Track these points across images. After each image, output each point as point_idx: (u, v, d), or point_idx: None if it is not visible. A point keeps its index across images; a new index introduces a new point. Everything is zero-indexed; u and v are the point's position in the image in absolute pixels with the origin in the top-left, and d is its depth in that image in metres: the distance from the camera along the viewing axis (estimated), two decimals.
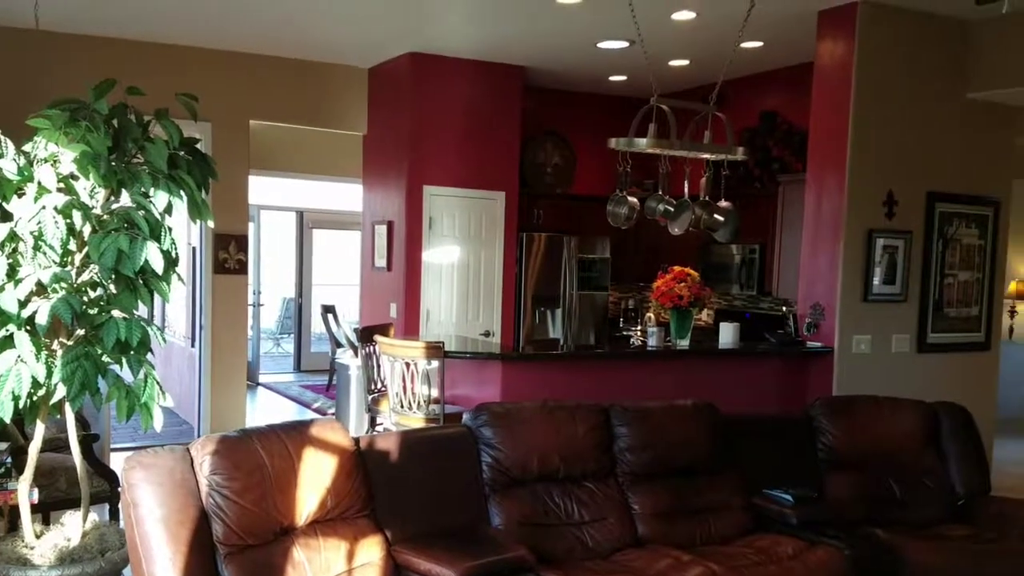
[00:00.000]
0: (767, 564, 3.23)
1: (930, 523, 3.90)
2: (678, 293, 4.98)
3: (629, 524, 3.52)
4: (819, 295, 5.35)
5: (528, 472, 3.43)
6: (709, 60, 6.33)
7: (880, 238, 5.29)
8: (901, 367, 5.44)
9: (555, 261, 7.40)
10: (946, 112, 5.48)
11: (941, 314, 5.60)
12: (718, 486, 3.73)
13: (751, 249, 6.97)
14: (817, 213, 5.37)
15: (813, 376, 5.32)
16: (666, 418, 3.73)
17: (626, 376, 4.94)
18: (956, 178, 5.57)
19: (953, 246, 5.61)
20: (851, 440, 4.07)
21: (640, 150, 4.43)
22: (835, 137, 5.24)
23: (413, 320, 6.83)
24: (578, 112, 8.03)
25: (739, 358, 5.32)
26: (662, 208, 4.76)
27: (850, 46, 5.14)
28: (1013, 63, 5.27)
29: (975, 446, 4.14)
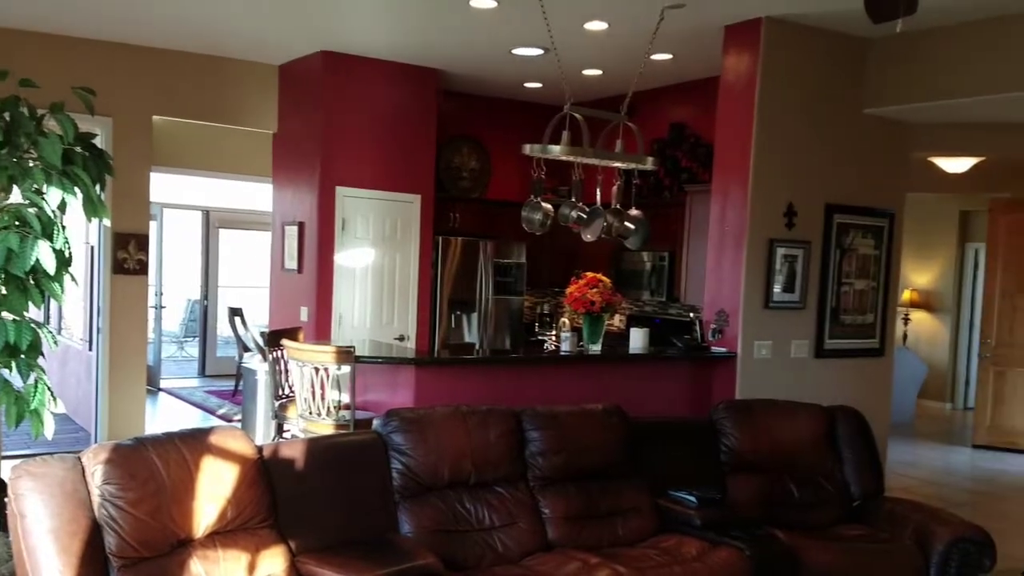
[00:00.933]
0: (672, 565, 3.30)
1: (827, 524, 4.05)
2: (590, 299, 5.04)
3: (539, 528, 3.54)
4: (723, 302, 5.50)
5: (439, 478, 3.41)
6: (621, 71, 6.45)
7: (780, 247, 5.49)
8: (800, 372, 5.65)
9: (471, 265, 7.40)
10: (844, 127, 5.73)
11: (838, 321, 5.83)
12: (626, 489, 3.79)
13: (661, 256, 7.12)
14: (722, 222, 5.53)
15: (717, 380, 5.47)
16: (577, 422, 3.77)
17: (540, 381, 4.97)
18: (853, 191, 5.82)
19: (850, 256, 5.86)
20: (752, 443, 4.20)
21: (554, 157, 4.47)
22: (739, 149, 5.41)
23: (325, 324, 6.71)
24: (494, 117, 8.06)
25: (648, 363, 5.43)
26: (575, 215, 4.81)
27: (754, 61, 5.32)
28: (906, 80, 5.55)
29: (870, 449, 4.32)
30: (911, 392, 9.57)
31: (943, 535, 3.64)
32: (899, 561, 3.65)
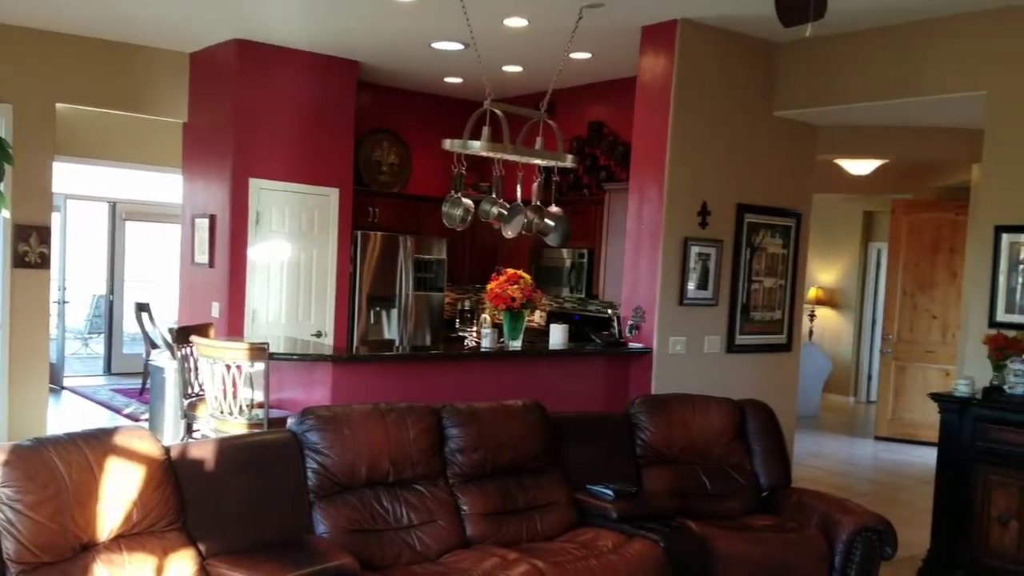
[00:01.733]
0: (588, 558, 3.33)
1: (738, 514, 4.16)
2: (511, 295, 5.06)
3: (458, 526, 3.53)
4: (640, 299, 5.60)
5: (356, 477, 3.36)
6: (541, 68, 6.49)
7: (695, 246, 5.62)
8: (713, 367, 5.79)
9: (391, 260, 7.32)
10: (756, 128, 5.90)
11: (748, 317, 6.01)
12: (545, 484, 3.82)
13: (580, 254, 7.20)
14: (639, 221, 5.62)
15: (634, 375, 5.57)
16: (496, 418, 3.77)
17: (461, 377, 4.95)
18: (763, 191, 6.00)
19: (759, 254, 6.04)
20: (666, 436, 4.28)
21: (474, 152, 4.46)
22: (655, 149, 5.50)
23: (237, 320, 6.54)
24: (415, 111, 8.00)
25: (568, 359, 5.48)
26: (495, 211, 4.81)
27: (670, 62, 5.42)
28: (812, 84, 5.75)
29: (778, 441, 4.46)
30: (817, 386, 9.94)
31: (847, 524, 3.78)
32: (806, 549, 3.78)
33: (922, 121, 6.31)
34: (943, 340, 8.32)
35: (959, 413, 4.57)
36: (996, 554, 4.41)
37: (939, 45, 5.11)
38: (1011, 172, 4.82)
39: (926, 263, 8.43)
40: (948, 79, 5.08)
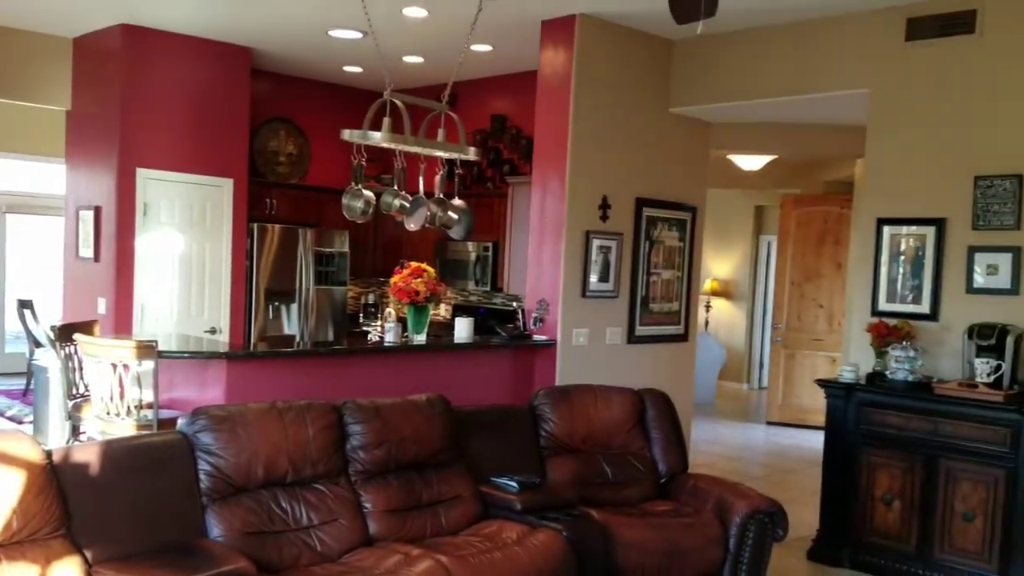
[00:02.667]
0: (492, 551, 3.33)
1: (638, 501, 4.25)
2: (415, 289, 5.00)
3: (361, 524, 3.47)
4: (544, 291, 5.64)
5: (252, 478, 3.26)
6: (442, 59, 6.44)
7: (596, 239, 5.70)
8: (614, 357, 5.90)
9: (290, 254, 7.14)
10: (653, 124, 6.02)
11: (647, 309, 6.14)
12: (450, 478, 3.80)
13: (485, 247, 7.20)
14: (542, 214, 5.66)
15: (539, 367, 5.61)
16: (400, 414, 3.72)
17: (364, 372, 4.87)
18: (661, 185, 6.14)
19: (657, 247, 6.18)
20: (569, 427, 4.33)
21: (374, 143, 4.38)
22: (556, 143, 5.55)
23: (125, 316, 6.25)
24: (313, 100, 7.82)
25: (473, 352, 5.47)
26: (398, 203, 4.74)
27: (569, 56, 5.47)
28: (705, 81, 5.91)
29: (675, 428, 4.57)
30: (712, 374, 10.27)
31: (741, 507, 3.91)
32: (702, 533, 3.88)
33: (809, 118, 6.58)
34: (829, 328, 8.72)
35: (844, 398, 4.80)
36: (880, 533, 4.66)
37: (825, 44, 5.34)
38: (891, 167, 5.08)
39: (813, 255, 8.81)
40: (833, 78, 5.31)
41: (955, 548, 4.38)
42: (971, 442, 4.32)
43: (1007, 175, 4.60)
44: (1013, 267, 4.57)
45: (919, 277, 4.93)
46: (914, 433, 4.52)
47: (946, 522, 4.41)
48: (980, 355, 4.43)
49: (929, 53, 4.91)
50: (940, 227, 4.85)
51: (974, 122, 4.74)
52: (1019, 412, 4.16)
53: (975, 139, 4.74)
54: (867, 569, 4.67)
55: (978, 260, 4.70)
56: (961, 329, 4.62)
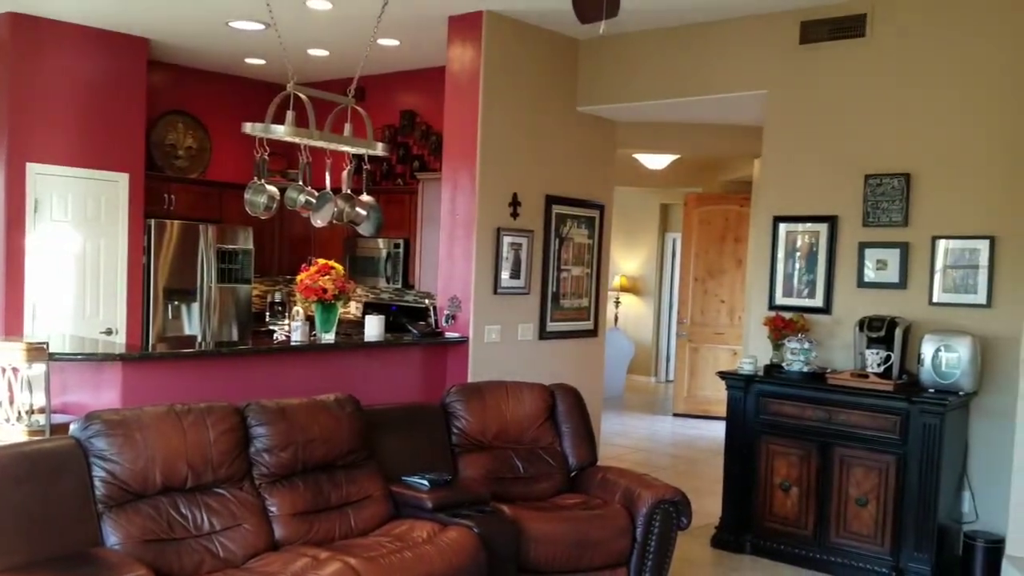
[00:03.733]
0: (403, 551, 3.30)
1: (549, 494, 4.30)
2: (322, 286, 4.90)
3: (266, 528, 3.39)
4: (456, 288, 5.63)
5: (151, 484, 3.14)
6: (348, 53, 6.35)
7: (507, 236, 5.72)
8: (526, 353, 5.93)
9: (191, 251, 6.89)
10: (561, 122, 6.08)
11: (558, 305, 6.20)
12: (359, 478, 3.74)
13: (396, 244, 7.13)
14: (452, 211, 5.64)
15: (451, 364, 5.59)
16: (307, 414, 3.65)
17: (270, 373, 4.75)
18: (569, 183, 6.20)
19: (567, 244, 6.25)
20: (481, 423, 4.34)
21: (278, 137, 4.28)
22: (466, 140, 5.54)
23: (15, 317, 5.92)
24: (214, 93, 7.57)
25: (384, 350, 5.40)
26: (303, 199, 4.64)
27: (477, 53, 5.47)
28: (610, 81, 6.01)
29: (585, 422, 4.63)
30: (622, 368, 10.46)
31: (647, 498, 3.99)
32: (610, 524, 3.95)
33: (711, 119, 6.77)
34: (731, 322, 9.01)
35: (744, 390, 4.96)
36: (779, 519, 4.84)
37: (724, 46, 5.50)
38: (787, 167, 5.28)
39: (715, 251, 9.08)
40: (731, 79, 5.48)
41: (850, 532, 4.59)
42: (863, 430, 4.54)
43: (895, 174, 4.84)
44: (901, 262, 4.82)
45: (813, 272, 5.14)
46: (809, 422, 4.71)
47: (841, 507, 4.62)
48: (871, 346, 4.66)
49: (822, 56, 5.12)
50: (833, 224, 5.07)
51: (864, 122, 4.98)
52: (907, 401, 4.38)
53: (865, 139, 4.97)
54: (767, 554, 4.85)
55: (868, 256, 4.94)
56: (853, 322, 4.84)
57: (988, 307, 4.55)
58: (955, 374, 4.35)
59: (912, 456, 4.36)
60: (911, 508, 4.37)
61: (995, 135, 4.55)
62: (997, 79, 4.55)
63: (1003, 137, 4.51)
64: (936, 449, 4.29)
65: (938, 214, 4.72)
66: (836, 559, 4.61)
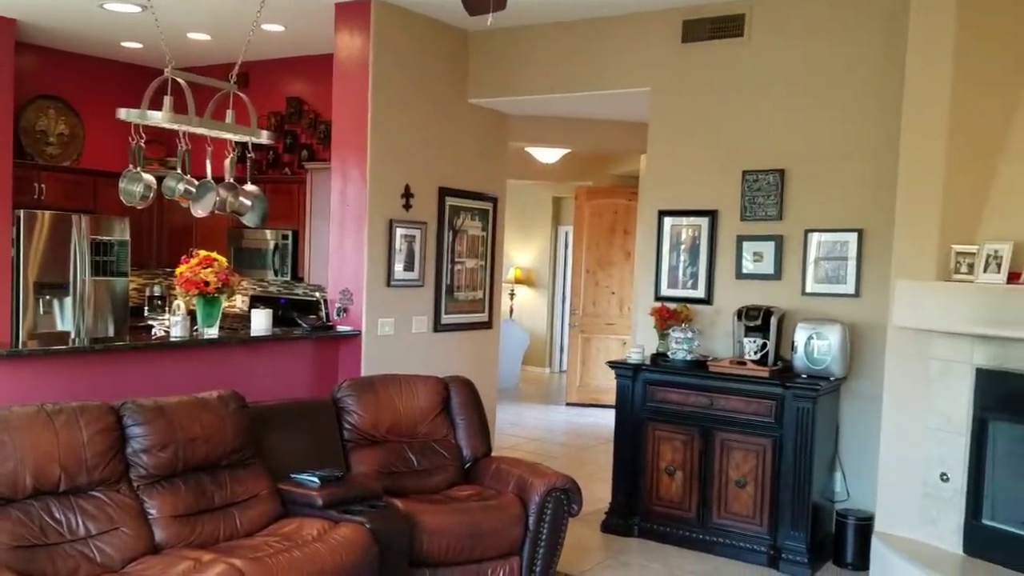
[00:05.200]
0: (291, 550, 3.24)
1: (443, 487, 4.30)
2: (204, 279, 4.74)
3: (146, 531, 3.26)
4: (347, 281, 5.54)
5: (20, 488, 2.97)
6: (231, 38, 6.14)
7: (400, 228, 5.67)
8: (420, 346, 5.91)
9: (63, 243, 6.52)
10: (453, 114, 6.07)
11: (452, 297, 6.21)
12: (245, 478, 3.65)
13: (284, 235, 6.96)
14: (343, 202, 5.55)
15: (344, 359, 5.51)
16: (188, 412, 3.52)
17: (149, 370, 4.55)
18: (462, 175, 6.20)
19: (461, 236, 6.26)
20: (374, 418, 4.30)
21: (154, 124, 4.09)
22: (356, 129, 5.45)
23: None
24: (88, 77, 7.19)
25: (272, 345, 5.26)
26: (182, 188, 4.46)
27: (365, 42, 5.39)
28: (500, 74, 6.04)
29: (479, 414, 4.65)
30: (517, 359, 10.56)
31: (539, 486, 4.05)
32: (504, 514, 3.99)
33: (599, 114, 6.90)
34: (620, 313, 9.23)
35: (631, 378, 5.10)
36: (665, 502, 5.00)
37: (610, 43, 5.61)
38: (670, 162, 5.45)
39: (605, 244, 9.28)
40: (618, 76, 5.60)
41: (730, 513, 4.79)
42: (742, 415, 4.74)
43: (770, 170, 5.07)
44: (776, 254, 5.05)
45: (696, 265, 5.33)
46: (693, 408, 4.89)
47: (722, 489, 4.81)
48: (748, 335, 4.87)
49: (703, 54, 5.30)
50: (713, 218, 5.26)
51: (742, 120, 5.18)
52: (782, 386, 4.61)
53: (743, 136, 5.18)
54: (654, 537, 5.00)
55: (746, 248, 5.16)
56: (732, 311, 5.05)
57: (856, 296, 4.84)
58: (826, 360, 4.60)
59: (787, 439, 4.59)
60: (787, 488, 4.60)
61: (862, 134, 4.82)
62: (865, 82, 4.81)
63: (870, 136, 4.79)
64: (809, 432, 4.53)
65: (810, 208, 4.97)
66: (718, 539, 4.81)
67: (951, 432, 4.07)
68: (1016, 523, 3.89)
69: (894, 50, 4.52)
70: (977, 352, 3.95)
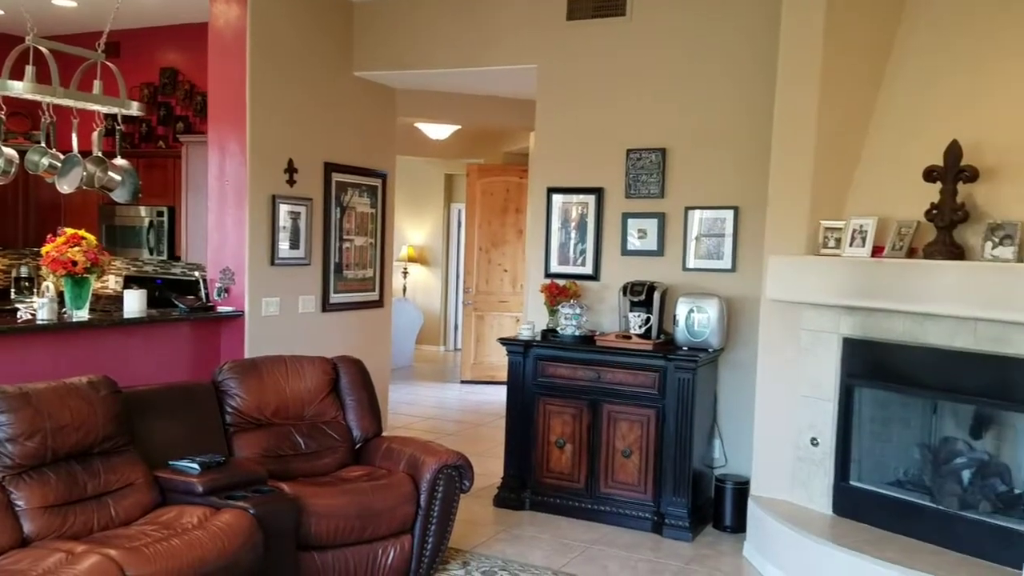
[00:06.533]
0: (171, 538, 3.13)
1: (333, 469, 4.24)
2: (71, 258, 4.48)
3: (13, 524, 3.09)
4: (228, 259, 5.36)
5: None
6: (100, 4, 5.80)
7: (284, 204, 5.52)
8: (308, 326, 5.79)
9: None
10: (338, 87, 5.93)
11: (341, 276, 6.10)
12: (120, 466, 3.49)
13: (160, 212, 6.67)
14: (221, 177, 5.36)
15: (226, 340, 5.34)
16: (56, 399, 3.34)
17: (13, 356, 4.28)
18: (349, 150, 6.09)
19: (349, 213, 6.15)
20: (259, 400, 4.19)
21: (16, 95, 3.84)
22: (234, 101, 5.26)
23: None
24: None
25: (148, 327, 5.05)
26: (47, 162, 4.21)
27: (243, 11, 5.19)
28: (387, 47, 5.94)
29: (369, 394, 4.60)
30: (410, 338, 10.51)
31: (430, 464, 4.05)
32: (395, 493, 3.97)
33: (489, 90, 6.89)
34: (513, 291, 9.31)
35: (523, 354, 5.16)
36: (555, 474, 5.09)
37: (497, 18, 5.61)
38: (558, 140, 5.50)
39: (498, 222, 9.32)
40: (505, 52, 5.61)
41: (617, 482, 4.93)
42: (627, 387, 4.87)
43: (653, 148, 5.20)
44: (659, 231, 5.20)
45: (584, 241, 5.42)
46: (581, 382, 4.99)
47: (609, 459, 4.94)
48: (633, 310, 5.00)
49: (587, 32, 5.36)
50: (600, 196, 5.36)
51: (625, 99, 5.28)
52: (664, 358, 4.76)
53: (626, 115, 5.28)
54: (545, 509, 5.10)
55: (631, 225, 5.28)
56: (618, 287, 5.17)
57: (733, 271, 5.04)
58: (705, 333, 4.78)
59: (669, 409, 4.75)
60: (669, 457, 4.77)
61: (739, 115, 4.99)
62: (741, 65, 4.98)
63: (746, 117, 4.96)
64: (689, 402, 4.70)
65: (690, 187, 5.13)
66: (606, 508, 4.94)
67: (820, 399, 4.30)
68: (880, 483, 4.16)
69: (771, 35, 4.69)
70: (843, 322, 4.18)
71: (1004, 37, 3.87)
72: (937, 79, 4.08)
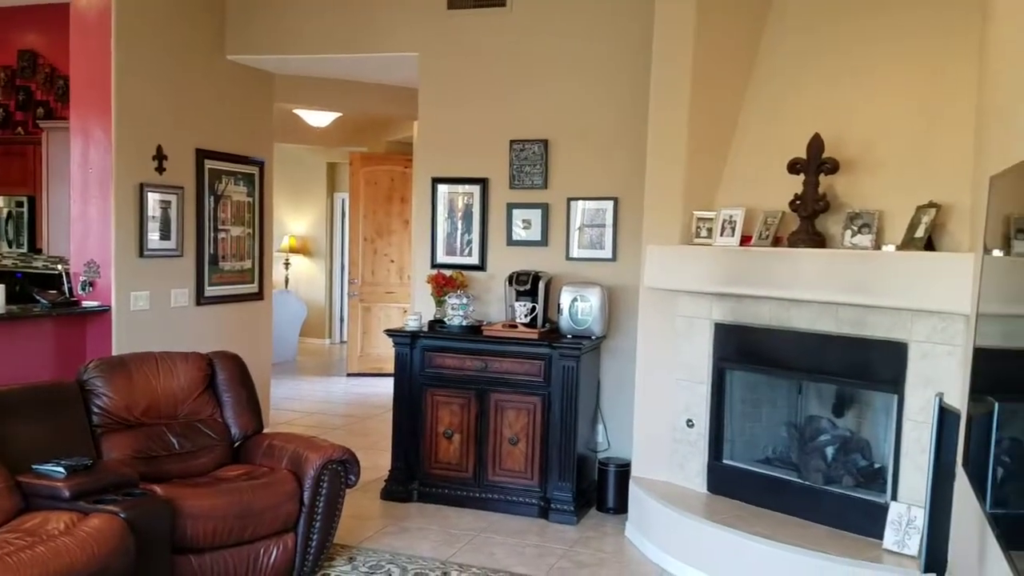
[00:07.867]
0: (34, 546, 2.95)
1: (210, 468, 4.10)
2: None
3: None
4: (93, 252, 5.08)
5: None
6: None
7: (153, 193, 5.27)
8: (181, 320, 5.56)
9: None
10: (211, 71, 5.71)
11: (217, 268, 5.88)
12: None
13: (19, 202, 6.27)
14: (84, 164, 5.07)
15: (92, 337, 5.07)
16: None
17: None
18: (224, 137, 5.86)
19: (224, 202, 5.93)
20: (128, 400, 4.00)
21: None
22: (98, 86, 4.99)
23: None
24: None
25: (7, 323, 4.74)
26: None
27: None
28: (263, 31, 5.76)
29: (248, 390, 4.46)
30: (293, 331, 10.25)
31: (314, 460, 3.97)
32: (277, 491, 3.87)
33: (371, 78, 6.78)
34: (400, 281, 9.22)
35: (409, 345, 5.12)
36: (444, 464, 5.09)
37: (377, 4, 5.52)
38: (442, 129, 5.48)
39: (383, 212, 9.20)
40: (385, 39, 5.53)
41: (504, 469, 4.98)
42: (514, 375, 4.92)
43: (536, 140, 5.25)
44: (543, 222, 5.26)
45: (470, 232, 5.43)
46: (469, 372, 5.00)
47: (497, 448, 4.98)
48: (519, 299, 5.04)
49: (468, 22, 5.36)
50: (484, 186, 5.38)
51: (508, 90, 5.31)
52: (549, 346, 4.83)
53: (509, 106, 5.31)
54: (433, 500, 5.09)
55: (516, 216, 5.32)
56: (504, 277, 5.20)
57: (613, 260, 5.16)
58: (588, 321, 4.88)
59: (555, 396, 4.83)
60: (555, 443, 4.85)
61: (618, 108, 5.11)
62: (619, 58, 5.09)
63: (625, 110, 5.08)
64: (574, 388, 4.79)
65: (572, 178, 5.22)
66: (494, 496, 4.98)
67: (695, 382, 4.47)
68: (751, 461, 4.37)
69: (647, 29, 4.81)
70: (715, 308, 4.36)
71: (865, 36, 4.11)
72: (802, 75, 4.30)
